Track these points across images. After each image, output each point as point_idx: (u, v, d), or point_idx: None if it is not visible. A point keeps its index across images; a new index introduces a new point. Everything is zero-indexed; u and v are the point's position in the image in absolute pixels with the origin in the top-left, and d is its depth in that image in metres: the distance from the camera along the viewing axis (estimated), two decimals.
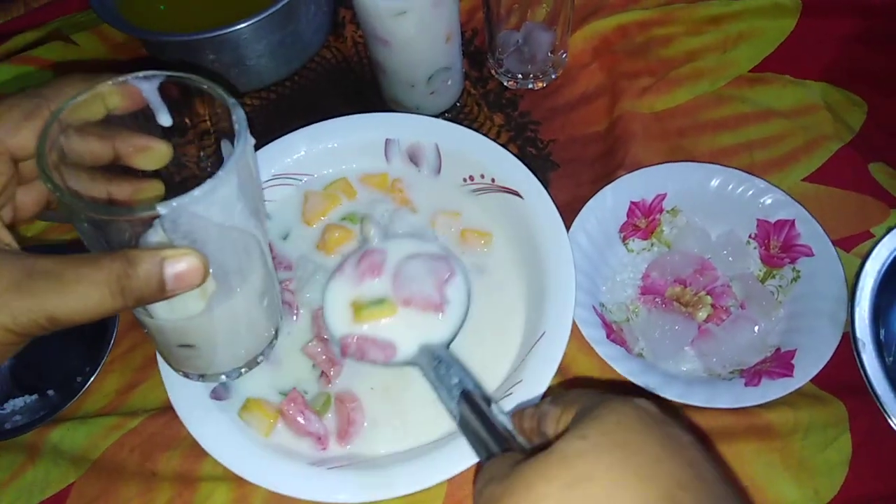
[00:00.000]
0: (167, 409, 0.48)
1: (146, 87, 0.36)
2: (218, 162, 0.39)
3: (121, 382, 0.57)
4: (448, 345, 0.48)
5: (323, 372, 0.50)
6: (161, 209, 0.30)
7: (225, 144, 0.38)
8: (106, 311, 0.32)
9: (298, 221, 0.57)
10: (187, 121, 0.38)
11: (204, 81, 0.35)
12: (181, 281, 0.33)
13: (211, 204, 0.32)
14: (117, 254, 0.32)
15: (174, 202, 0.30)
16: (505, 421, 0.39)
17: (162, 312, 0.37)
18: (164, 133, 0.38)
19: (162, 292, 0.33)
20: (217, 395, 0.49)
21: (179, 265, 0.32)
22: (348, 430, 0.49)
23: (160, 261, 0.32)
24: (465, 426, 0.40)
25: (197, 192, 0.31)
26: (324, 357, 0.50)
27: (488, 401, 0.41)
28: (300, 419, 0.48)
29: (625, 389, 0.52)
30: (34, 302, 0.30)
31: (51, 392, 0.57)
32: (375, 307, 0.48)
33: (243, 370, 0.44)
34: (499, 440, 0.37)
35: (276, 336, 0.46)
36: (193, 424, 0.46)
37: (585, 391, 0.36)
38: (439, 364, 0.45)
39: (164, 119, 0.37)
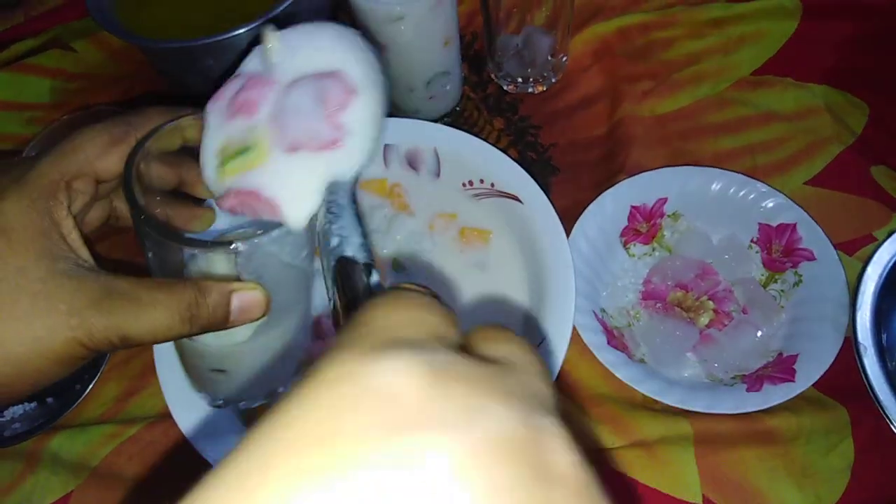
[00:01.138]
0: (166, 416, 0.48)
1: None
2: None
3: (119, 390, 0.57)
4: (353, 187, 0.34)
5: None
6: (240, 245, 0.32)
7: None
8: (173, 336, 0.34)
9: None
10: None
11: None
12: (244, 314, 0.34)
13: (283, 244, 0.34)
14: (190, 282, 0.33)
15: (254, 239, 0.32)
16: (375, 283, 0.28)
17: (209, 338, 0.37)
18: None
19: (225, 322, 0.34)
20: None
21: (246, 298, 0.34)
22: None
23: (229, 293, 0.34)
24: (335, 319, 0.29)
25: (276, 233, 0.32)
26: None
27: (370, 269, 0.29)
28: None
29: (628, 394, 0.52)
30: (110, 320, 0.31)
31: (50, 399, 0.57)
32: (240, 158, 0.34)
33: (262, 400, 0.45)
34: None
35: (298, 371, 0.46)
36: (191, 432, 0.46)
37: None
38: (331, 217, 0.32)
39: None
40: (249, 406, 0.46)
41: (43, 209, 0.33)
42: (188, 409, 0.47)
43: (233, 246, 0.32)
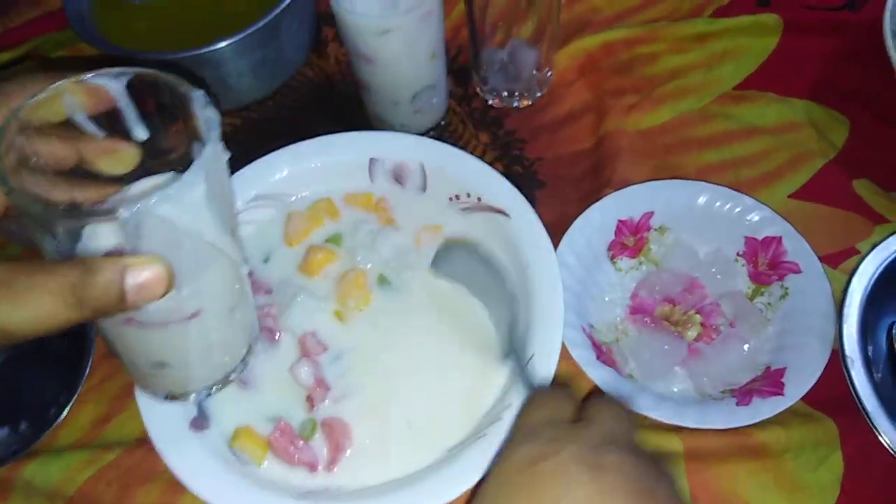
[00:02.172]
0: (145, 440, 0.46)
1: (113, 85, 0.34)
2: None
3: (96, 414, 0.55)
4: None
5: (309, 395, 0.49)
6: (122, 211, 0.28)
7: (196, 147, 0.35)
8: (61, 323, 0.30)
9: (280, 243, 0.56)
10: (158, 121, 0.36)
11: (176, 78, 0.33)
12: (144, 291, 0.31)
13: (177, 208, 0.30)
14: (75, 261, 0.30)
15: (137, 204, 0.28)
16: None
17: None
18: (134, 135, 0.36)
19: (122, 303, 0.31)
20: (196, 425, 0.47)
21: (142, 274, 0.30)
22: (336, 456, 0.47)
23: (121, 269, 0.30)
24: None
25: (160, 192, 0.29)
26: (311, 379, 0.49)
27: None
28: (290, 449, 0.47)
29: None
30: None
31: (23, 425, 0.55)
32: None
33: (214, 389, 0.42)
34: None
35: (248, 353, 0.44)
36: (171, 457, 0.44)
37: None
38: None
39: (134, 123, 0.35)
40: (202, 399, 0.43)
41: None
42: (168, 433, 0.46)
43: (111, 212, 0.28)
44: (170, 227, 0.30)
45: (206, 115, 0.32)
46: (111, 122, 0.35)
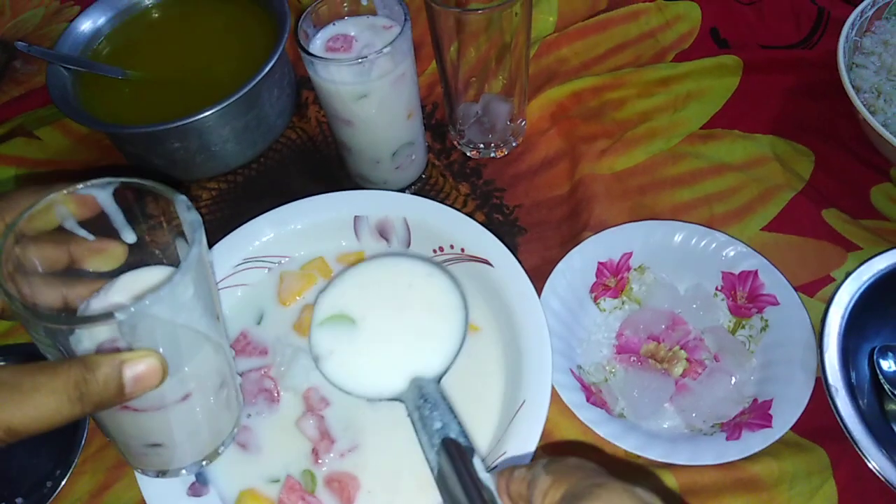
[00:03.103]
0: None
1: (100, 194, 0.37)
2: (173, 260, 0.40)
3: (93, 484, 0.55)
4: (439, 380, 0.45)
5: (314, 449, 0.50)
6: (119, 315, 0.30)
7: (180, 243, 0.38)
8: (64, 419, 0.32)
9: (274, 303, 0.57)
10: (142, 223, 0.38)
11: (158, 185, 0.36)
12: (140, 383, 0.33)
13: (168, 306, 0.32)
14: (75, 360, 0.32)
15: (132, 307, 0.31)
16: (487, 480, 0.36)
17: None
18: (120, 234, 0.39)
19: (121, 396, 0.33)
20: (194, 491, 0.47)
21: (139, 367, 0.32)
22: None
23: (119, 364, 0.32)
24: (441, 482, 0.37)
25: (153, 295, 0.31)
26: (317, 432, 0.50)
27: (472, 453, 0.37)
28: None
29: (620, 465, 0.52)
30: None
31: (19, 500, 0.54)
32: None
33: (204, 463, 0.44)
34: (476, 502, 0.34)
35: (236, 426, 0.46)
36: None
37: (583, 464, 0.34)
38: (424, 403, 0.41)
39: (122, 226, 0.38)
40: (192, 473, 0.45)
41: None
42: (166, 500, 0.46)
43: (109, 317, 0.30)
44: (162, 323, 0.33)
45: (189, 218, 0.35)
46: (100, 224, 0.38)
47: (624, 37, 0.79)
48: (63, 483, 0.54)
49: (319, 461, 0.49)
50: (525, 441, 0.46)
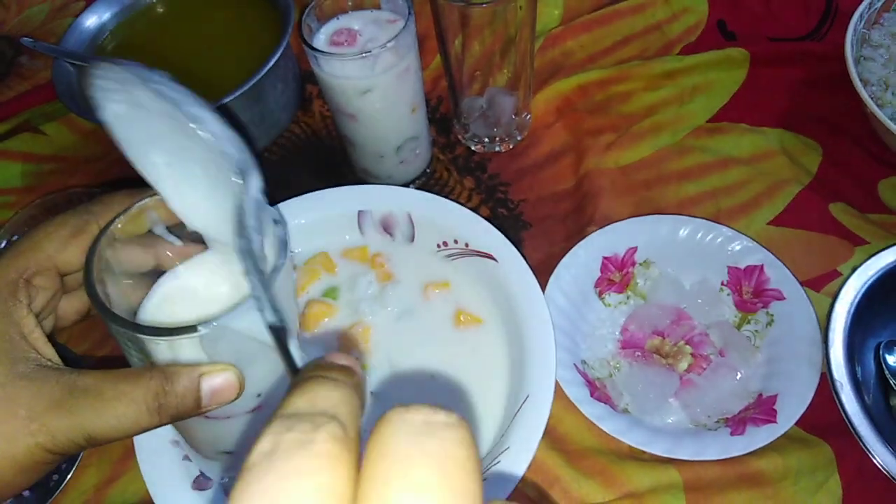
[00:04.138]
0: (148, 502, 0.47)
1: None
2: None
3: (99, 477, 0.55)
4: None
5: None
6: (201, 328, 0.31)
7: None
8: (142, 429, 0.32)
9: None
10: None
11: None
12: (217, 397, 0.33)
13: (251, 322, 0.32)
14: (156, 369, 0.32)
15: (214, 321, 0.31)
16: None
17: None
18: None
19: (198, 408, 0.33)
20: (199, 485, 0.47)
21: (216, 381, 0.33)
22: None
23: (198, 377, 0.32)
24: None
25: (236, 311, 0.31)
26: None
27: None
28: None
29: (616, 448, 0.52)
30: (73, 421, 0.30)
31: (26, 493, 0.55)
32: None
33: None
34: None
35: None
36: None
37: None
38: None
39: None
40: None
41: (1, 311, 0.32)
42: (172, 494, 0.46)
43: (192, 330, 0.31)
44: (242, 337, 0.33)
45: (277, 233, 0.34)
46: (185, 229, 0.38)
47: (630, 29, 0.79)
48: (69, 476, 0.55)
49: None
50: (528, 436, 0.46)
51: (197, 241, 0.39)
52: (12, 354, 0.32)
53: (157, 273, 0.39)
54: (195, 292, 0.37)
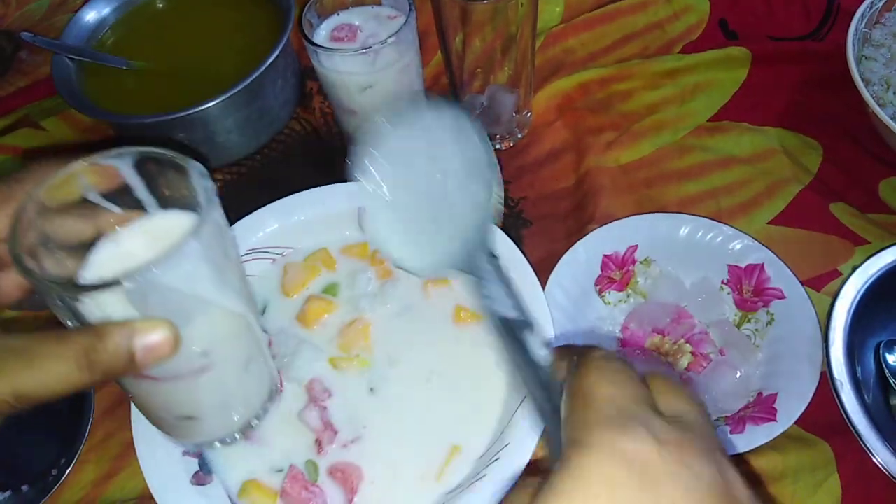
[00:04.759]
0: (147, 497, 0.47)
1: (119, 163, 0.36)
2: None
3: (98, 473, 0.55)
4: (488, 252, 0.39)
5: (317, 439, 0.50)
6: (125, 282, 0.30)
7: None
8: (74, 386, 0.32)
9: (277, 293, 0.57)
10: (165, 192, 0.38)
11: (174, 154, 0.35)
12: (152, 353, 0.32)
13: (178, 275, 0.32)
14: (86, 328, 0.32)
15: (137, 274, 0.30)
16: (542, 359, 0.34)
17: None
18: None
19: (132, 365, 0.32)
20: (198, 480, 0.47)
21: (151, 337, 0.32)
22: (351, 498, 0.48)
23: (130, 333, 0.32)
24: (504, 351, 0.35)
25: (160, 262, 0.31)
26: (320, 423, 0.50)
27: (528, 329, 0.35)
28: (304, 494, 0.48)
29: None
30: (0, 380, 0.30)
31: (25, 488, 0.55)
32: None
33: (238, 436, 0.44)
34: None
35: (269, 401, 0.45)
36: None
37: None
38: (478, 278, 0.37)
39: (142, 193, 0.38)
40: (228, 444, 0.44)
41: None
42: (171, 489, 0.46)
43: (113, 282, 0.30)
44: (172, 291, 0.32)
45: (203, 185, 0.35)
46: (124, 196, 0.38)
47: (631, 28, 0.79)
48: (68, 472, 0.55)
49: (322, 452, 0.49)
50: (528, 435, 0.46)
51: (134, 207, 0.38)
52: None
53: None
54: (135, 258, 0.36)
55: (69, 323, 0.33)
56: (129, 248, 0.37)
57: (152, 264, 0.30)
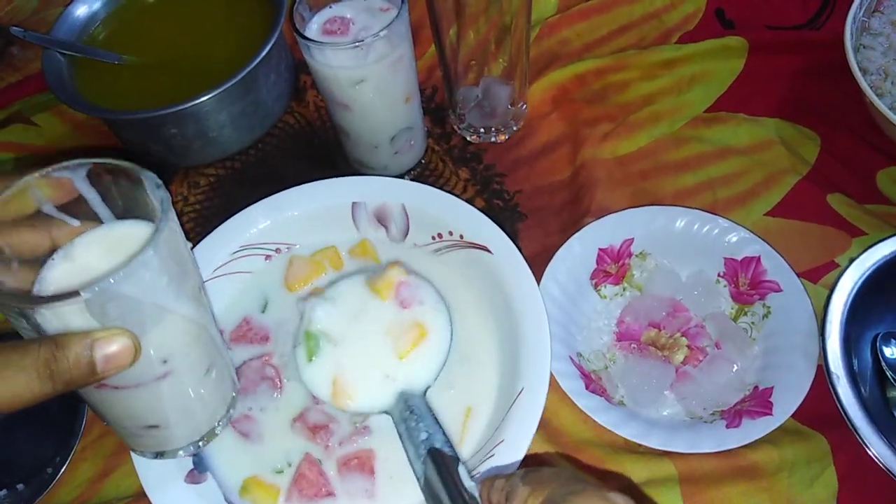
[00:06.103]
0: (143, 495, 0.47)
1: (73, 175, 0.36)
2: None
3: (93, 471, 0.55)
4: (424, 393, 0.46)
5: (319, 438, 0.50)
6: (83, 293, 0.30)
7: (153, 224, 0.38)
8: (35, 397, 0.32)
9: (280, 288, 0.57)
10: (120, 202, 0.38)
11: (127, 164, 0.36)
12: (112, 362, 0.33)
13: (135, 284, 0.32)
14: (46, 338, 0.32)
15: (95, 286, 0.31)
16: (472, 488, 0.38)
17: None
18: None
19: (92, 375, 0.33)
20: (192, 479, 0.47)
21: (110, 347, 0.33)
22: (373, 483, 0.48)
23: (90, 343, 0.32)
24: (428, 490, 0.39)
25: (118, 273, 0.31)
26: (325, 417, 0.50)
27: (457, 462, 0.39)
28: (321, 479, 0.48)
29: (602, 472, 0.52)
30: None
31: (20, 486, 0.55)
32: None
33: (201, 444, 0.44)
34: None
35: (231, 407, 0.46)
36: None
37: (559, 473, 0.35)
38: (410, 415, 0.43)
39: (100, 208, 0.38)
40: (189, 453, 0.45)
41: None
42: (164, 488, 0.46)
43: (73, 295, 0.30)
44: (131, 301, 0.33)
45: (158, 195, 0.35)
46: (79, 208, 0.38)
47: (628, 18, 0.78)
48: (63, 470, 0.55)
49: (328, 448, 0.49)
50: (523, 429, 0.46)
51: (89, 218, 0.38)
52: None
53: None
54: (90, 269, 0.37)
55: (26, 335, 0.34)
56: (86, 259, 0.38)
57: (110, 275, 0.31)
